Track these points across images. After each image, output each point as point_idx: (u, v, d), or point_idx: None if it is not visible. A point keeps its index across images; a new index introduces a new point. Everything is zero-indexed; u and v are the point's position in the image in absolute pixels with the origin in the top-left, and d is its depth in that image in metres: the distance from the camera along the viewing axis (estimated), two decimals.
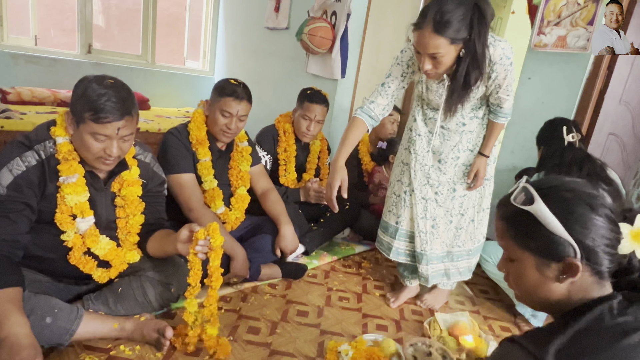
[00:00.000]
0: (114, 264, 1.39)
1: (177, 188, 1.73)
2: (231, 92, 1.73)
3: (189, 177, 1.76)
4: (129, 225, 1.42)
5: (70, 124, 1.23)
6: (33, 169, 1.21)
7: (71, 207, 1.27)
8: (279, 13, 3.39)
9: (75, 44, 3.66)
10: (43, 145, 1.24)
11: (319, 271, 2.11)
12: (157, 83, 4.09)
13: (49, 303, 1.19)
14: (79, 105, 1.19)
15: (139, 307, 1.42)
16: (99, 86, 1.19)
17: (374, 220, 2.52)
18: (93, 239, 1.33)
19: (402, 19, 3.24)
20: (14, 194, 1.18)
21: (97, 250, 1.34)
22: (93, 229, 1.34)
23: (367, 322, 1.71)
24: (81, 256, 1.33)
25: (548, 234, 0.73)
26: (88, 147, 1.22)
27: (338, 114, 2.98)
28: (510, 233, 0.79)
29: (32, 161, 1.21)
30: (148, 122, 3.25)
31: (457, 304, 1.98)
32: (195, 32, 4.42)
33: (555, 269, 0.74)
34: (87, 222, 1.32)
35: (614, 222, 0.73)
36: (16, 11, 3.39)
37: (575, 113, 2.45)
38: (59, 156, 1.24)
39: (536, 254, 0.76)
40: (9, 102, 3.01)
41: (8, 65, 3.26)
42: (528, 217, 0.75)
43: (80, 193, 1.27)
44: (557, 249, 0.73)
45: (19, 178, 1.18)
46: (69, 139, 1.27)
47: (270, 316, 1.65)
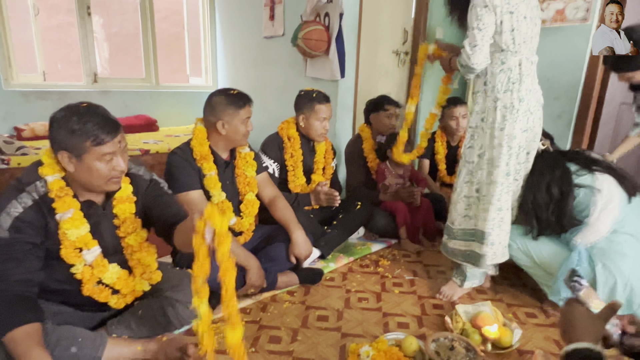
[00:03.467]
0: (123, 292, 1.41)
1: (185, 206, 1.76)
2: (245, 99, 1.83)
3: (197, 194, 1.79)
4: (136, 241, 1.43)
5: (69, 162, 1.24)
6: (30, 209, 1.23)
7: (73, 241, 1.30)
8: (274, 21, 3.41)
9: (81, 74, 3.77)
10: (34, 186, 1.25)
11: (336, 274, 2.11)
12: (163, 103, 4.17)
13: (73, 333, 1.23)
14: (73, 140, 1.20)
15: (160, 328, 1.45)
16: (80, 115, 1.20)
17: (387, 217, 2.51)
18: (101, 269, 1.36)
19: (396, 11, 3.22)
20: (17, 236, 1.20)
21: (106, 279, 1.37)
22: (100, 259, 1.36)
23: (387, 321, 1.70)
24: (94, 287, 1.36)
25: None
26: (99, 173, 1.25)
27: (342, 114, 2.98)
28: None
29: (28, 202, 1.24)
30: (158, 143, 3.31)
31: (478, 293, 1.95)
32: (195, 49, 4.49)
33: None
34: (92, 253, 1.34)
35: None
36: (23, 49, 3.51)
37: (583, 85, 2.39)
38: (51, 194, 1.26)
39: None
40: (24, 138, 3.13)
41: (20, 103, 3.38)
42: None
43: (79, 226, 1.29)
44: None
45: (18, 220, 1.21)
46: (60, 176, 1.28)
47: (290, 324, 1.66)
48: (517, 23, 1.61)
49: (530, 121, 1.71)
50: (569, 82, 2.38)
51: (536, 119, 1.72)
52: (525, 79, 1.66)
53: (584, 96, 2.39)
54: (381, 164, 2.66)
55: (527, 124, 1.70)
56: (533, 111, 1.70)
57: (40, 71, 3.63)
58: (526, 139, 1.73)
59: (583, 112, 2.40)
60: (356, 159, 2.74)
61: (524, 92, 1.66)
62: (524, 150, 1.74)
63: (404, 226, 2.50)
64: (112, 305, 1.40)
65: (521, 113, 1.66)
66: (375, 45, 3.15)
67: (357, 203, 2.40)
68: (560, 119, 2.50)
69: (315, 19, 2.88)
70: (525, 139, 1.72)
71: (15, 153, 2.64)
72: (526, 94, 1.66)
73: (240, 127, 1.83)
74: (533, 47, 1.69)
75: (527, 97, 1.67)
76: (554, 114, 2.50)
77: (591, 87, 2.33)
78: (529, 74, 1.68)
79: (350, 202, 2.45)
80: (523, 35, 1.63)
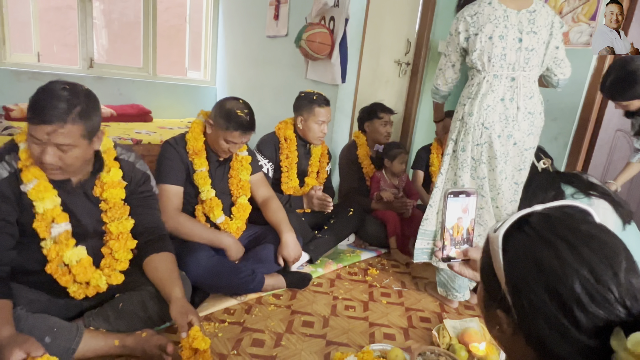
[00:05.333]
0: (77, 280, 1.32)
1: (161, 197, 1.71)
2: (238, 126, 1.70)
3: (174, 189, 1.72)
4: (117, 230, 1.37)
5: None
6: (5, 181, 1.18)
7: (43, 213, 1.23)
8: (278, 21, 3.39)
9: (77, 58, 3.69)
10: (12, 155, 1.21)
11: (324, 280, 2.07)
12: (159, 95, 4.10)
13: (48, 322, 1.17)
14: (28, 111, 1.15)
15: (140, 323, 1.39)
16: (47, 89, 1.15)
17: (378, 226, 2.49)
18: (63, 246, 1.27)
19: (401, 20, 3.22)
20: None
21: (66, 257, 1.28)
22: (66, 235, 1.29)
23: (374, 331, 1.67)
24: (58, 267, 1.28)
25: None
26: (31, 151, 1.17)
27: (340, 119, 2.96)
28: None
29: (4, 173, 1.19)
30: (150, 134, 3.25)
31: (466, 309, 1.93)
32: (196, 43, 4.44)
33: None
34: (60, 227, 1.27)
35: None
36: (18, 29, 3.43)
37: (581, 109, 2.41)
38: (20, 164, 1.21)
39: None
40: (12, 119, 3.04)
41: (11, 82, 3.29)
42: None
43: (44, 198, 1.22)
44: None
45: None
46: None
47: (274, 327, 1.62)
48: (481, 44, 1.66)
49: (485, 136, 1.72)
50: (568, 105, 2.40)
51: (495, 136, 1.70)
52: (486, 95, 1.69)
53: (582, 119, 2.41)
54: (377, 172, 2.64)
55: (480, 138, 1.73)
56: (489, 127, 1.70)
57: (35, 52, 3.54)
58: (484, 154, 1.74)
59: (580, 135, 2.42)
60: (350, 165, 2.72)
61: (476, 107, 1.70)
62: (484, 164, 1.76)
63: (394, 236, 2.48)
64: (70, 293, 1.32)
65: (470, 127, 1.72)
66: (377, 53, 3.14)
67: (350, 209, 2.37)
68: (556, 141, 2.51)
69: (320, 22, 2.87)
70: (482, 153, 1.74)
71: (2, 133, 2.56)
72: (479, 109, 1.70)
73: (222, 144, 1.73)
74: (514, 64, 1.66)
75: (480, 112, 1.70)
76: (551, 135, 2.51)
77: (589, 111, 2.35)
78: (496, 91, 1.69)
79: (343, 208, 2.42)
80: (490, 54, 1.66)
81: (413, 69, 3.38)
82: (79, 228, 1.34)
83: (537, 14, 1.65)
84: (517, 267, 0.56)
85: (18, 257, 1.23)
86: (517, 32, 1.64)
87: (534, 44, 1.66)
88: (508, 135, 1.71)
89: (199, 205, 1.83)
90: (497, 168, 1.75)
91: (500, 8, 1.64)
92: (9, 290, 1.16)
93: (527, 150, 1.76)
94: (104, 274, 1.38)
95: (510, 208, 1.82)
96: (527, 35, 1.65)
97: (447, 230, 0.94)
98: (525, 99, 1.69)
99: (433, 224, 1.94)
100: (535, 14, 1.65)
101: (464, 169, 1.79)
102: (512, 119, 1.70)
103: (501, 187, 1.78)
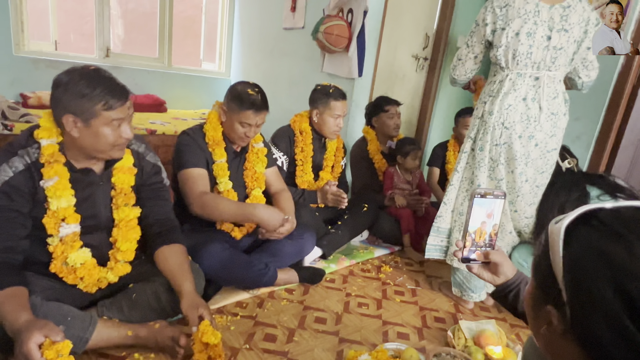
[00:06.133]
0: (85, 281, 1.31)
1: (182, 183, 1.69)
2: (250, 105, 1.69)
3: (200, 171, 1.70)
4: (120, 217, 1.36)
5: (74, 126, 1.19)
6: (20, 174, 1.18)
7: (55, 210, 1.23)
8: (295, 13, 3.35)
9: (93, 48, 3.70)
10: (26, 150, 1.20)
11: (337, 276, 2.05)
12: (173, 85, 4.10)
13: (62, 311, 1.17)
14: (82, 104, 1.16)
15: (153, 314, 1.38)
16: (89, 78, 1.17)
17: (392, 223, 2.45)
18: (70, 247, 1.27)
19: (420, 14, 3.15)
20: (4, 203, 1.16)
21: (71, 259, 1.27)
22: (74, 237, 1.28)
23: (387, 330, 1.64)
24: (62, 266, 1.28)
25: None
26: (106, 138, 1.21)
27: (355, 113, 2.92)
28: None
29: (20, 166, 1.18)
30: (165, 124, 3.25)
31: (481, 310, 1.89)
32: (211, 34, 4.42)
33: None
34: (69, 228, 1.27)
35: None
36: (37, 17, 3.44)
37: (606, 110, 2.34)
38: (42, 159, 1.21)
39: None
40: (30, 106, 3.06)
41: (29, 70, 3.31)
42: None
43: (61, 196, 1.22)
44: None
45: (7, 185, 1.16)
46: (56, 141, 1.23)
47: (287, 323, 1.60)
48: (507, 39, 1.59)
49: (505, 137, 1.66)
50: (593, 104, 2.32)
51: (515, 137, 1.64)
52: (508, 94, 1.63)
53: (606, 120, 2.33)
54: (390, 167, 2.60)
55: (500, 138, 1.67)
56: (510, 127, 1.64)
57: (53, 40, 3.56)
58: (502, 155, 1.69)
59: (604, 136, 2.34)
60: (361, 162, 2.68)
61: (497, 106, 1.64)
62: (502, 165, 1.71)
63: (408, 233, 2.44)
64: (81, 288, 1.32)
65: (490, 126, 1.67)
66: (395, 47, 3.08)
67: (364, 205, 2.34)
68: (579, 140, 2.44)
69: (338, 14, 2.82)
70: (500, 154, 1.69)
71: (19, 120, 2.58)
72: (500, 109, 1.64)
73: (238, 128, 1.72)
74: (539, 63, 1.60)
75: (501, 111, 1.64)
76: (574, 134, 2.44)
77: (615, 112, 2.27)
78: (518, 90, 1.62)
79: (357, 204, 2.39)
80: (515, 51, 1.59)
81: (431, 64, 3.32)
82: (94, 220, 1.33)
83: (571, 9, 1.54)
84: (580, 260, 0.51)
85: (30, 248, 1.23)
86: (547, 29, 1.55)
87: (563, 43, 1.57)
88: (529, 137, 1.65)
89: None
90: (517, 169, 1.69)
91: (533, 2, 1.55)
92: (24, 278, 1.17)
93: (550, 152, 1.70)
94: (109, 267, 1.37)
95: (529, 211, 1.77)
96: (557, 33, 1.55)
97: (470, 234, 0.90)
98: (548, 99, 1.62)
99: (447, 222, 1.91)
100: (569, 9, 1.54)
101: (480, 169, 1.74)
102: (534, 120, 1.63)
103: (521, 189, 1.72)
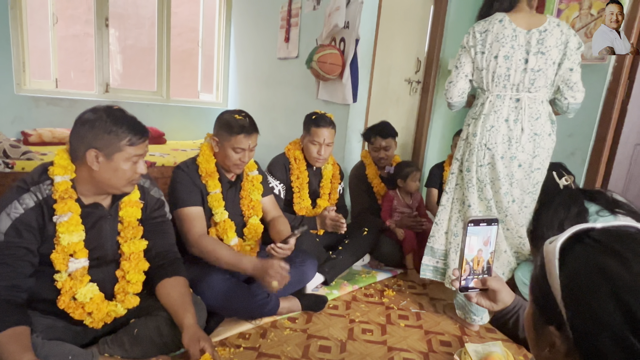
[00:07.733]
0: (94, 317, 1.31)
1: (179, 222, 1.70)
2: (240, 129, 1.72)
3: (196, 210, 1.72)
4: (129, 250, 1.38)
5: (95, 161, 1.23)
6: (31, 211, 1.20)
7: (65, 246, 1.24)
8: (289, 43, 3.44)
9: (93, 84, 3.78)
10: (38, 187, 1.23)
11: (339, 302, 2.03)
12: (172, 117, 4.17)
13: (63, 349, 1.16)
14: (109, 139, 1.22)
15: (155, 349, 1.37)
16: (116, 117, 1.25)
17: (393, 246, 2.45)
18: (78, 282, 1.27)
19: (411, 39, 3.24)
20: (13, 240, 1.17)
21: (80, 295, 1.27)
22: (82, 272, 1.29)
23: (393, 356, 1.62)
24: (70, 301, 1.28)
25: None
26: (124, 173, 1.27)
27: (351, 138, 2.95)
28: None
29: (30, 203, 1.20)
30: (164, 156, 3.29)
31: (487, 332, 1.87)
32: (208, 66, 4.53)
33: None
34: (78, 263, 1.28)
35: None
36: (38, 56, 3.53)
37: (598, 125, 2.37)
38: (55, 195, 1.23)
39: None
40: (31, 143, 3.10)
41: (30, 108, 3.38)
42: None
43: (73, 232, 1.24)
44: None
45: (17, 222, 1.17)
46: (69, 177, 1.26)
47: (291, 353, 1.58)
48: (486, 63, 1.67)
49: (488, 157, 1.71)
50: (584, 120, 2.36)
51: (498, 157, 1.68)
52: (489, 116, 1.69)
53: (599, 135, 2.36)
54: (391, 191, 2.62)
55: (483, 159, 1.72)
56: (492, 148, 1.69)
57: (53, 78, 3.64)
58: (487, 175, 1.73)
59: (598, 151, 2.37)
60: (360, 185, 2.70)
61: (479, 128, 1.70)
62: (488, 185, 1.74)
63: (411, 253, 2.44)
64: (87, 324, 1.31)
65: (474, 147, 1.73)
66: (388, 72, 3.16)
67: (364, 229, 2.34)
68: (573, 156, 2.46)
69: (331, 43, 2.90)
70: (486, 174, 1.73)
71: (21, 157, 2.61)
72: (482, 130, 1.70)
73: (232, 155, 1.74)
74: (518, 85, 1.65)
75: (484, 133, 1.70)
76: (568, 151, 2.47)
77: (606, 126, 2.30)
78: (499, 111, 1.68)
79: (357, 228, 2.39)
80: (494, 74, 1.66)
81: (424, 87, 3.39)
82: (101, 252, 1.34)
83: (547, 33, 1.60)
84: (578, 277, 0.52)
85: (35, 285, 1.23)
86: (524, 52, 1.63)
87: (540, 65, 1.62)
88: (511, 157, 1.69)
89: (212, 228, 1.82)
90: (502, 190, 1.72)
91: (510, 27, 1.63)
92: (27, 317, 1.16)
93: (534, 172, 1.72)
94: (118, 300, 1.37)
95: (521, 231, 1.78)
96: (534, 56, 1.61)
97: (467, 263, 0.90)
98: (530, 120, 1.66)
99: (440, 243, 1.94)
100: (545, 33, 1.61)
101: (469, 189, 1.79)
102: (516, 141, 1.67)
103: (508, 209, 1.75)
